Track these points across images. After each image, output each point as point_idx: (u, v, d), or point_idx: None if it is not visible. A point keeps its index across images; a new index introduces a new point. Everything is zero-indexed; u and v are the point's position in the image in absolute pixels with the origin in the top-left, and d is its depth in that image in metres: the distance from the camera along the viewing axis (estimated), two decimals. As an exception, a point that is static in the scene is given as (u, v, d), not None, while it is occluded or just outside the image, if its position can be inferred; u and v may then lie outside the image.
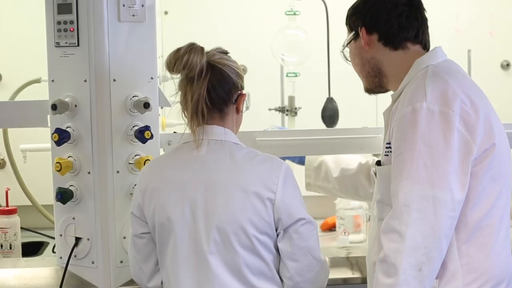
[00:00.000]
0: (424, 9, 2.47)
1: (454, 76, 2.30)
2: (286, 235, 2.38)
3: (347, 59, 2.58)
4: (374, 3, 2.45)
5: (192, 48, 2.37)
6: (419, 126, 2.18)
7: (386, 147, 2.35)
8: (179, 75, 2.41)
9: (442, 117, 2.18)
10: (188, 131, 2.42)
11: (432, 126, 2.17)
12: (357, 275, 2.89)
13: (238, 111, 2.47)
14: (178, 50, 2.37)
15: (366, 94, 4.07)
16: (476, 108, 2.21)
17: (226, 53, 2.48)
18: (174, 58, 2.37)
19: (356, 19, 2.49)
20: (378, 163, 2.41)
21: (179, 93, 2.42)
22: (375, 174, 2.84)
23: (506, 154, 2.29)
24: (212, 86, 2.38)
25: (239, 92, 2.45)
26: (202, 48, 2.39)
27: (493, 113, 2.29)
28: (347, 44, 2.54)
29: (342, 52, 2.58)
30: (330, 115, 3.62)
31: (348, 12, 2.54)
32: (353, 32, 2.49)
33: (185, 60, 2.34)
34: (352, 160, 2.99)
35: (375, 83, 2.50)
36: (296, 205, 2.39)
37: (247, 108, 2.50)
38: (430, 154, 2.16)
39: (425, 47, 2.46)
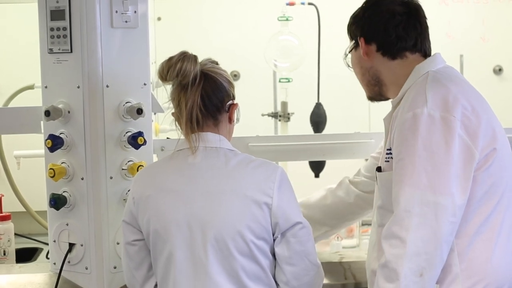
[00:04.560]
0: (424, 17, 2.47)
1: (455, 81, 2.31)
2: (284, 239, 2.38)
3: (349, 66, 2.58)
4: (372, 13, 2.46)
5: (185, 56, 2.38)
6: (420, 131, 2.19)
7: (387, 153, 2.35)
8: (171, 84, 2.42)
9: (443, 122, 2.18)
10: (182, 138, 2.43)
11: (433, 132, 2.18)
12: (350, 280, 2.89)
13: (230, 120, 2.47)
14: (171, 58, 2.38)
15: (359, 99, 4.09)
16: (477, 114, 2.22)
17: (216, 63, 2.49)
18: (167, 66, 2.37)
19: (355, 29, 2.50)
20: (379, 169, 2.41)
21: (173, 102, 2.43)
22: (350, 184, 2.85)
23: (508, 159, 2.29)
24: (206, 94, 2.39)
25: (231, 101, 2.46)
26: (195, 56, 2.40)
27: (495, 118, 2.30)
28: (348, 52, 2.55)
29: (345, 59, 2.59)
30: (314, 120, 3.64)
31: (349, 21, 2.55)
32: (354, 41, 2.50)
33: (178, 67, 2.35)
34: (318, 191, 2.98)
35: (376, 92, 2.51)
36: (293, 209, 2.39)
37: (238, 119, 2.51)
38: (431, 160, 2.17)
39: (425, 54, 2.46)
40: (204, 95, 2.39)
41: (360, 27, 2.48)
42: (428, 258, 2.14)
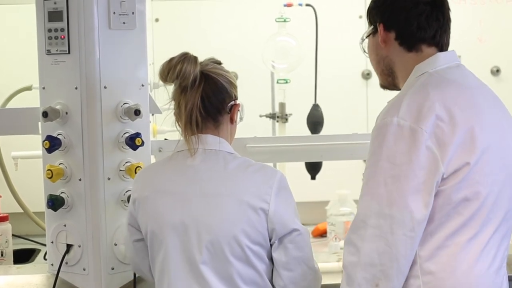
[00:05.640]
0: (448, 8, 2.38)
1: (443, 87, 2.23)
2: (281, 245, 2.38)
3: (365, 51, 2.48)
4: (395, 0, 2.36)
5: (186, 57, 2.37)
6: (386, 142, 2.15)
7: None
8: (172, 85, 2.42)
9: (411, 133, 2.13)
10: (182, 139, 2.42)
11: (399, 143, 2.13)
12: (348, 280, 2.89)
13: (232, 121, 2.47)
14: (171, 59, 2.37)
15: (357, 100, 4.13)
16: (455, 124, 2.14)
17: (219, 63, 2.48)
18: (167, 67, 2.37)
19: (375, 14, 2.40)
20: None
21: (173, 102, 2.43)
22: None
23: (494, 172, 2.19)
24: (206, 95, 2.39)
25: (233, 101, 2.45)
26: (195, 58, 2.39)
27: (484, 128, 2.19)
28: (366, 37, 2.44)
29: (361, 44, 2.48)
30: (311, 121, 3.64)
31: (369, 5, 2.44)
32: (372, 27, 2.40)
33: (178, 69, 2.35)
34: None
35: (389, 82, 2.42)
36: (290, 216, 2.39)
37: (241, 119, 2.51)
38: (392, 172, 2.12)
39: (441, 49, 2.36)
40: (204, 97, 2.38)
41: (381, 12, 2.37)
42: (383, 269, 2.12)
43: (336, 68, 3.98)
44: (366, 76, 4.07)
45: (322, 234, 3.71)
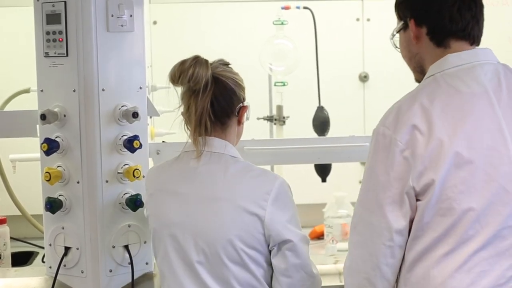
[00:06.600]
0: None
1: (437, 94, 2.14)
2: (280, 253, 2.38)
3: (396, 46, 2.36)
4: None
5: (197, 61, 2.38)
6: (373, 150, 2.15)
7: None
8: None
9: (390, 143, 2.10)
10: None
11: (381, 152, 2.12)
12: (345, 283, 2.90)
13: (239, 123, 2.49)
14: (183, 62, 2.38)
15: (354, 103, 4.13)
16: (431, 137, 2.07)
17: (227, 64, 2.49)
18: (179, 70, 2.37)
19: (405, 8, 2.27)
20: None
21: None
22: None
23: (477, 188, 2.08)
24: (216, 99, 2.40)
25: (241, 104, 2.46)
26: (206, 61, 2.40)
27: (468, 142, 2.08)
28: (396, 33, 2.32)
29: (392, 40, 2.36)
30: (318, 124, 3.64)
31: None
32: (402, 22, 2.28)
33: (190, 73, 2.35)
34: None
35: (421, 78, 2.28)
36: (285, 225, 2.38)
37: (247, 118, 2.52)
38: (372, 181, 2.14)
39: (473, 42, 2.23)
40: (213, 101, 2.39)
41: (411, 6, 2.25)
42: (367, 277, 2.13)
43: (333, 70, 3.98)
44: (363, 78, 4.07)
45: (319, 236, 3.71)
